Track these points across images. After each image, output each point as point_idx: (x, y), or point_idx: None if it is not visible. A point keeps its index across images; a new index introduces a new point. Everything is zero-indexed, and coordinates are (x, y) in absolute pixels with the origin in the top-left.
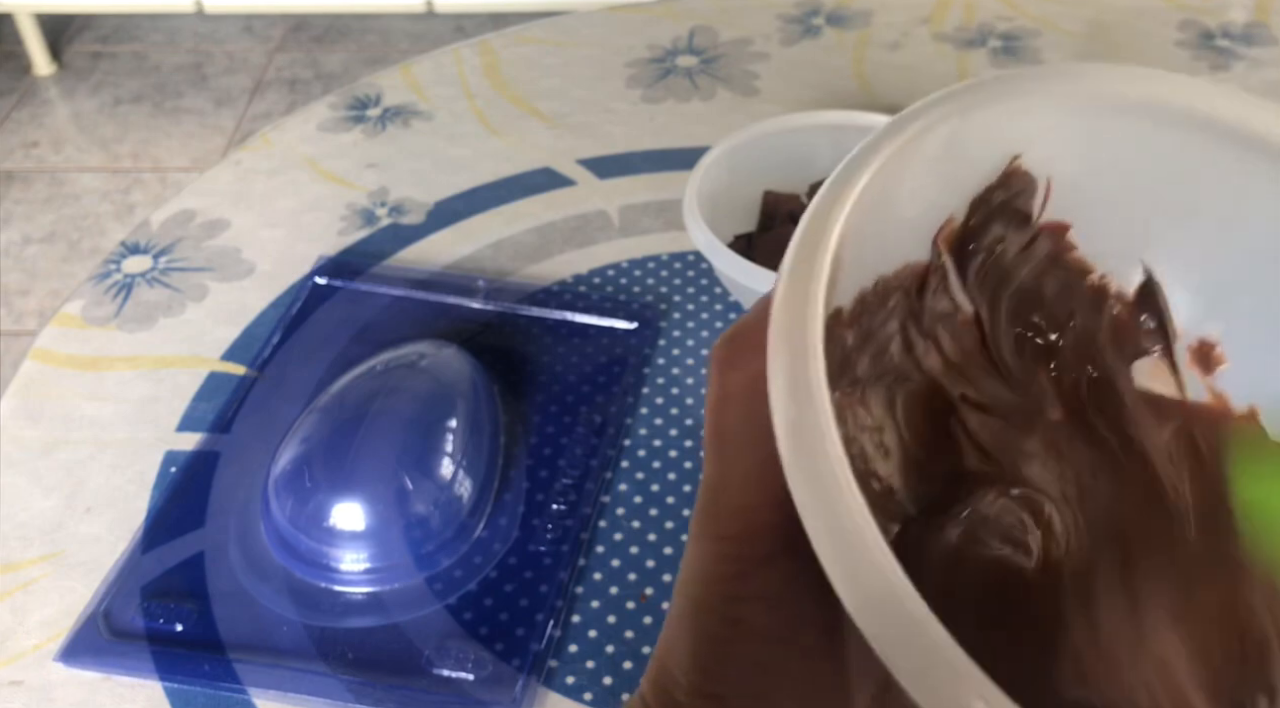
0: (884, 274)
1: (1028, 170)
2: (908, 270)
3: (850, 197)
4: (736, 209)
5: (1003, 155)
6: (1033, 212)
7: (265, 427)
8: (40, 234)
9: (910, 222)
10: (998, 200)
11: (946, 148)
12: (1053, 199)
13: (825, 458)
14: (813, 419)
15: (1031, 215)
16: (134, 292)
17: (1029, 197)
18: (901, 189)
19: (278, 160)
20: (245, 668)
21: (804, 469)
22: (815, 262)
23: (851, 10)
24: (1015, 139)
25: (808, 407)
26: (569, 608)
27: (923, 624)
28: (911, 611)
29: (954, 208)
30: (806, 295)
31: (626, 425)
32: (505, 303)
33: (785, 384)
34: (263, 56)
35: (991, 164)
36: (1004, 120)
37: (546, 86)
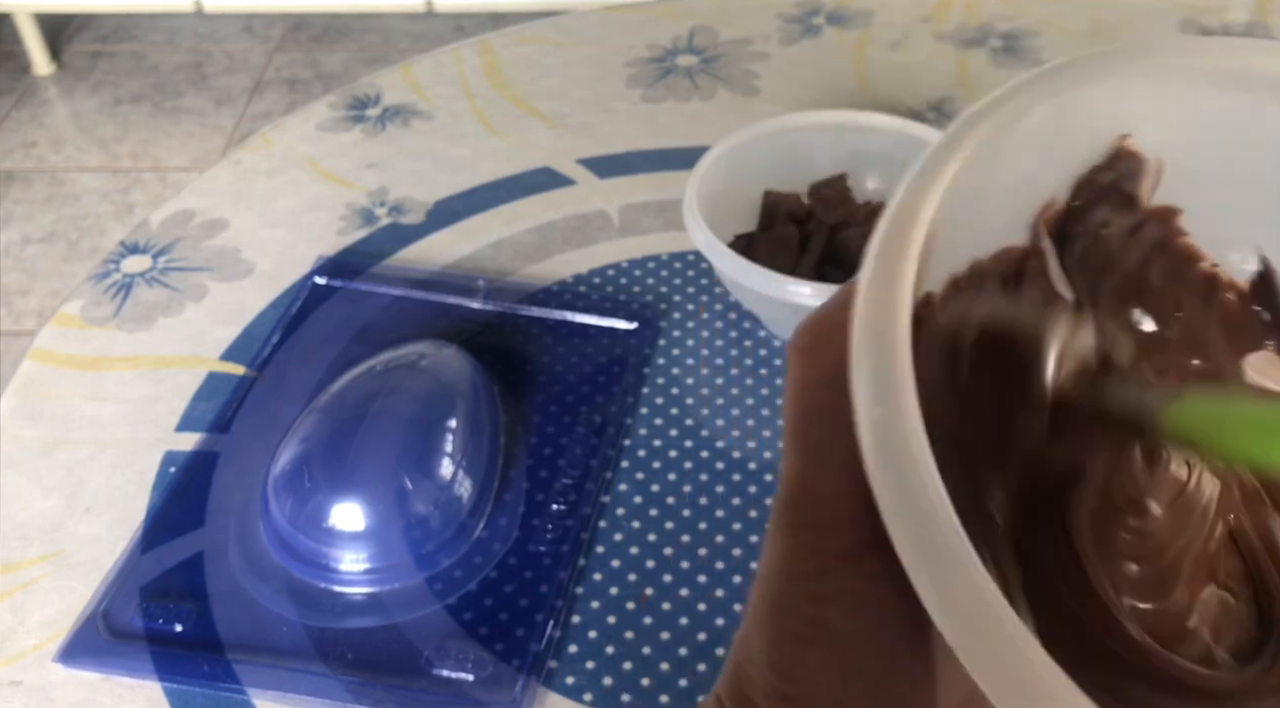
0: (979, 258)
1: (1137, 150)
2: (1005, 255)
3: (941, 182)
4: (736, 209)
5: (1110, 134)
6: (1141, 194)
7: (265, 427)
8: (40, 234)
9: (1008, 204)
10: (1104, 181)
11: (1049, 126)
12: (1163, 182)
13: (912, 464)
14: (898, 423)
15: (1139, 198)
16: (133, 291)
17: (1137, 178)
18: (1000, 170)
19: (277, 160)
20: (244, 668)
21: (889, 475)
22: (904, 252)
23: (852, 10)
24: (1124, 117)
25: (893, 409)
26: (569, 608)
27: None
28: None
29: (1056, 189)
30: (894, 289)
31: (626, 425)
32: (505, 303)
33: (870, 384)
34: (262, 56)
35: (1098, 143)
36: (1112, 97)
37: (546, 86)
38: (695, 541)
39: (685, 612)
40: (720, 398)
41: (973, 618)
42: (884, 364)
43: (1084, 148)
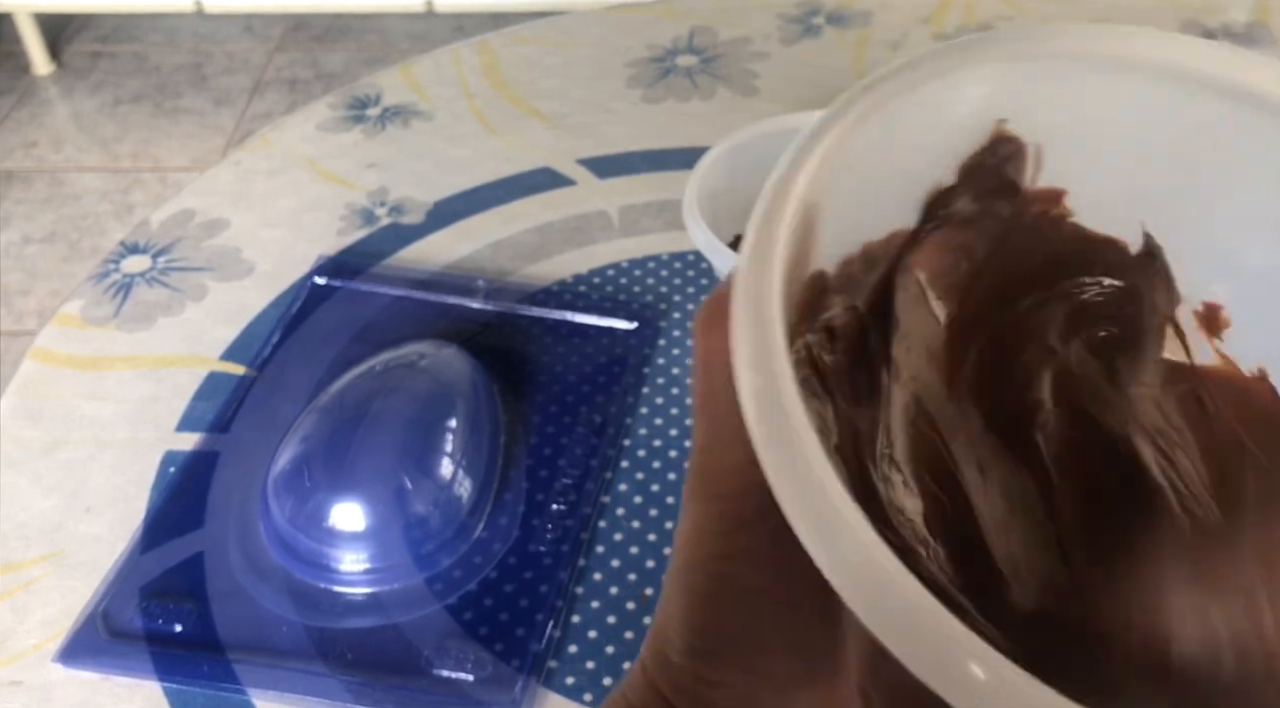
0: (870, 240)
1: (1015, 134)
2: (896, 237)
3: (811, 161)
4: (736, 209)
5: (988, 119)
6: (1023, 178)
7: (265, 427)
8: (40, 234)
9: (897, 186)
10: (986, 165)
11: (933, 109)
12: (1046, 164)
13: (789, 424)
14: (775, 385)
15: (1021, 182)
16: (133, 291)
17: (1018, 162)
18: (887, 152)
19: (277, 160)
20: (244, 669)
21: (769, 437)
22: (776, 223)
23: (852, 10)
24: (1000, 102)
25: (769, 373)
26: (569, 608)
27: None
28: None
29: (941, 174)
30: (766, 259)
31: (626, 425)
32: (505, 303)
33: (747, 352)
34: (262, 56)
35: (977, 128)
36: (986, 82)
37: (546, 86)
38: None
39: None
40: None
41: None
42: (759, 334)
43: (967, 132)
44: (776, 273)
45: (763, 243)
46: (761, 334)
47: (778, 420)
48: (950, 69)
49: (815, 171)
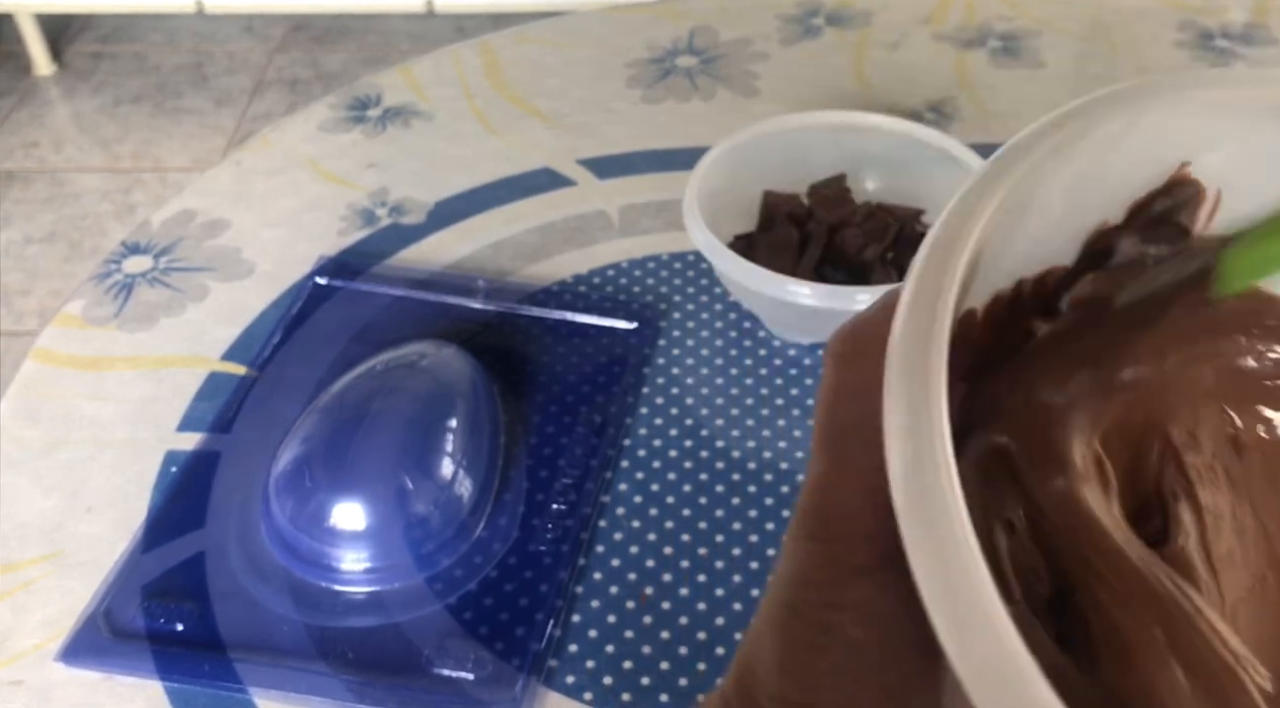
0: (1025, 277)
1: (1195, 178)
2: (1052, 274)
3: (990, 203)
4: (736, 209)
5: (1171, 161)
6: (1194, 223)
7: (265, 427)
8: (41, 234)
9: (1057, 224)
10: (1159, 208)
11: (1105, 151)
12: (1220, 212)
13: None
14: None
15: (1191, 226)
16: (134, 292)
17: (1193, 207)
18: (1052, 192)
19: (278, 160)
20: (246, 668)
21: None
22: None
23: (851, 10)
24: (1186, 144)
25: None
26: (569, 608)
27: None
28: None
29: (1109, 213)
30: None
31: (626, 425)
32: (505, 303)
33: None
34: (263, 57)
35: (1157, 170)
36: (1176, 123)
37: (546, 87)
38: (695, 540)
39: (685, 611)
40: (720, 398)
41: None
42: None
43: (1143, 174)
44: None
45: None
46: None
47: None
48: (1138, 109)
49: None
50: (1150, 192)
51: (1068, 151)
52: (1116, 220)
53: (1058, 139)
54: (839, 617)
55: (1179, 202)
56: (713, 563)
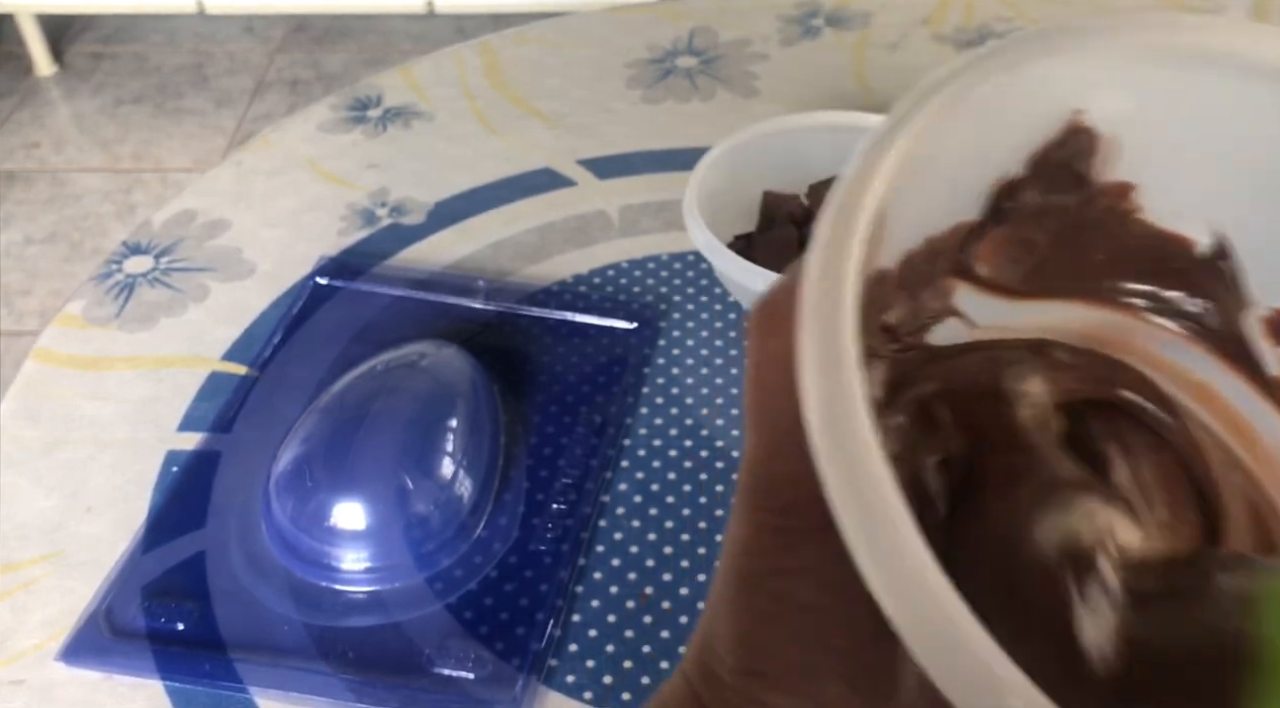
0: (933, 234)
1: (1090, 126)
2: (959, 230)
3: (891, 159)
4: (736, 209)
5: (1064, 109)
6: (1091, 171)
7: (266, 427)
8: (42, 234)
9: (961, 180)
10: (1057, 158)
11: (1002, 101)
12: (1119, 158)
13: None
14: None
15: (1090, 175)
16: (135, 292)
17: (1089, 155)
18: (951, 146)
19: (278, 161)
20: (246, 667)
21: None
22: (850, 228)
23: (851, 11)
24: (1078, 92)
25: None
26: (569, 607)
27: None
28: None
29: (1010, 165)
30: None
31: (626, 425)
32: (505, 303)
33: (816, 361)
34: (263, 57)
35: (1052, 119)
36: (1067, 72)
37: (547, 87)
38: (695, 540)
39: (685, 611)
40: (720, 398)
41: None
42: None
43: (1038, 123)
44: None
45: (836, 245)
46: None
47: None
48: (1028, 59)
49: (891, 170)
50: (1047, 142)
51: (962, 106)
52: (1017, 172)
53: (951, 92)
54: (789, 583)
55: (1076, 150)
56: (712, 563)
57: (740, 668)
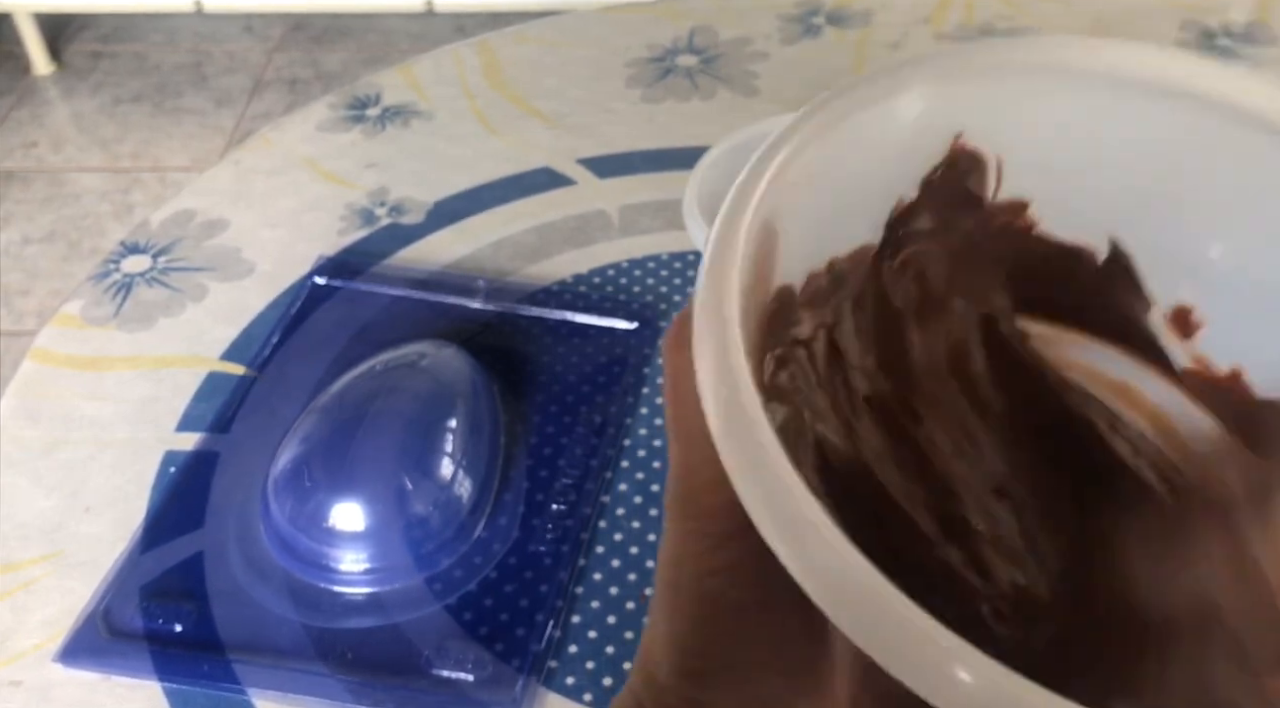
0: (837, 256)
1: (973, 148)
2: (863, 252)
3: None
4: None
5: (946, 133)
6: (986, 191)
7: (265, 427)
8: (40, 234)
9: (860, 202)
10: (947, 179)
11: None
12: (1007, 176)
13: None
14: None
15: (984, 195)
16: (133, 291)
17: (980, 175)
18: (845, 168)
19: (277, 160)
20: (244, 668)
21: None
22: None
23: (851, 10)
24: (955, 116)
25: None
26: (569, 608)
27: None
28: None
29: (903, 189)
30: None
31: (626, 425)
32: (505, 303)
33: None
34: (262, 56)
35: (936, 142)
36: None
37: (546, 86)
38: None
39: None
40: None
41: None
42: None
43: (925, 147)
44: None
45: (719, 257)
46: (721, 345)
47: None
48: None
49: (771, 185)
50: (934, 165)
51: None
52: (911, 196)
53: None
54: (718, 583)
55: (964, 171)
56: None
57: (677, 669)
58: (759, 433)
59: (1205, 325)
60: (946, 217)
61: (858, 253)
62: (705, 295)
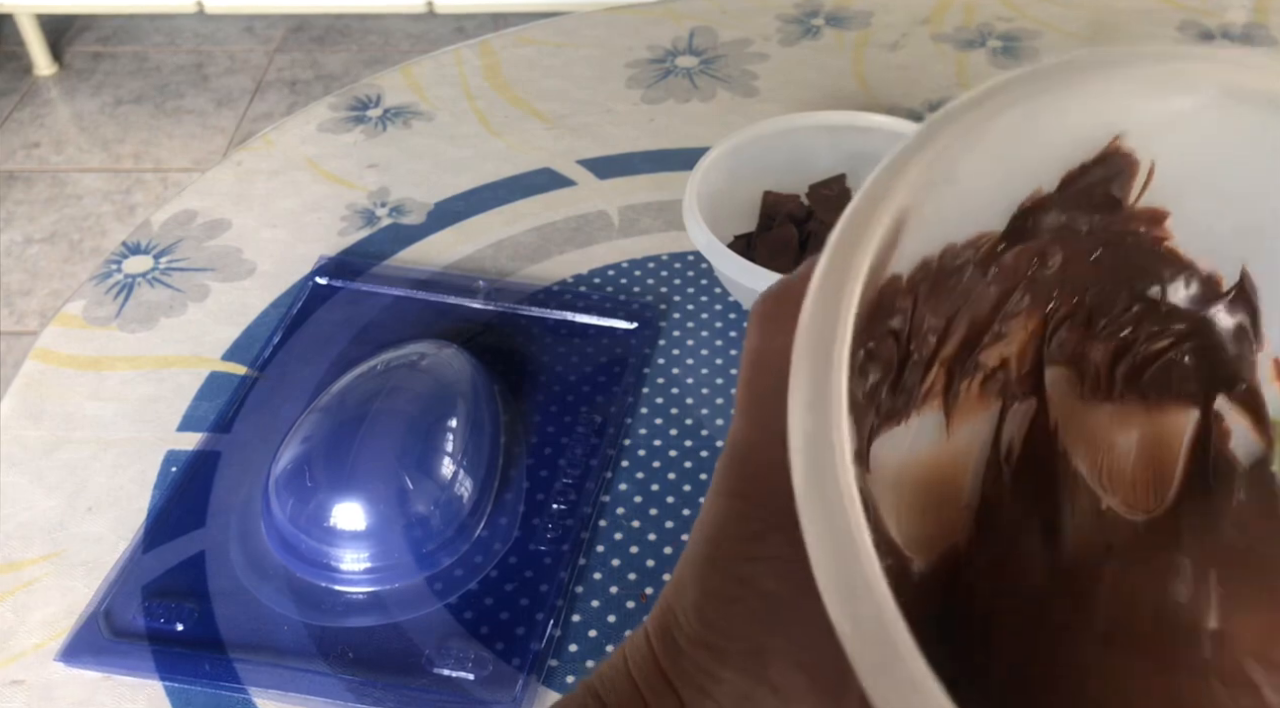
0: (953, 242)
1: (1129, 151)
2: (981, 240)
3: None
4: (736, 209)
5: (1104, 133)
6: (1127, 195)
7: (266, 427)
8: (42, 234)
9: (989, 191)
10: (1092, 178)
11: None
12: (1154, 185)
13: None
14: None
15: (1124, 198)
16: (135, 292)
17: (1126, 179)
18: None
19: (278, 161)
20: (246, 668)
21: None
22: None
23: (851, 10)
24: (1120, 117)
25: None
26: (569, 607)
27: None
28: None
29: (1042, 182)
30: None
31: (626, 425)
32: (505, 303)
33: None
34: (263, 57)
35: (1090, 142)
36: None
37: (547, 87)
38: None
39: None
40: (720, 398)
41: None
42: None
43: (1075, 144)
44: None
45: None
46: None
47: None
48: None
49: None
50: (1083, 162)
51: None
52: (1049, 188)
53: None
54: (754, 569)
55: (1111, 172)
56: None
57: (698, 640)
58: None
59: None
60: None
61: (976, 240)
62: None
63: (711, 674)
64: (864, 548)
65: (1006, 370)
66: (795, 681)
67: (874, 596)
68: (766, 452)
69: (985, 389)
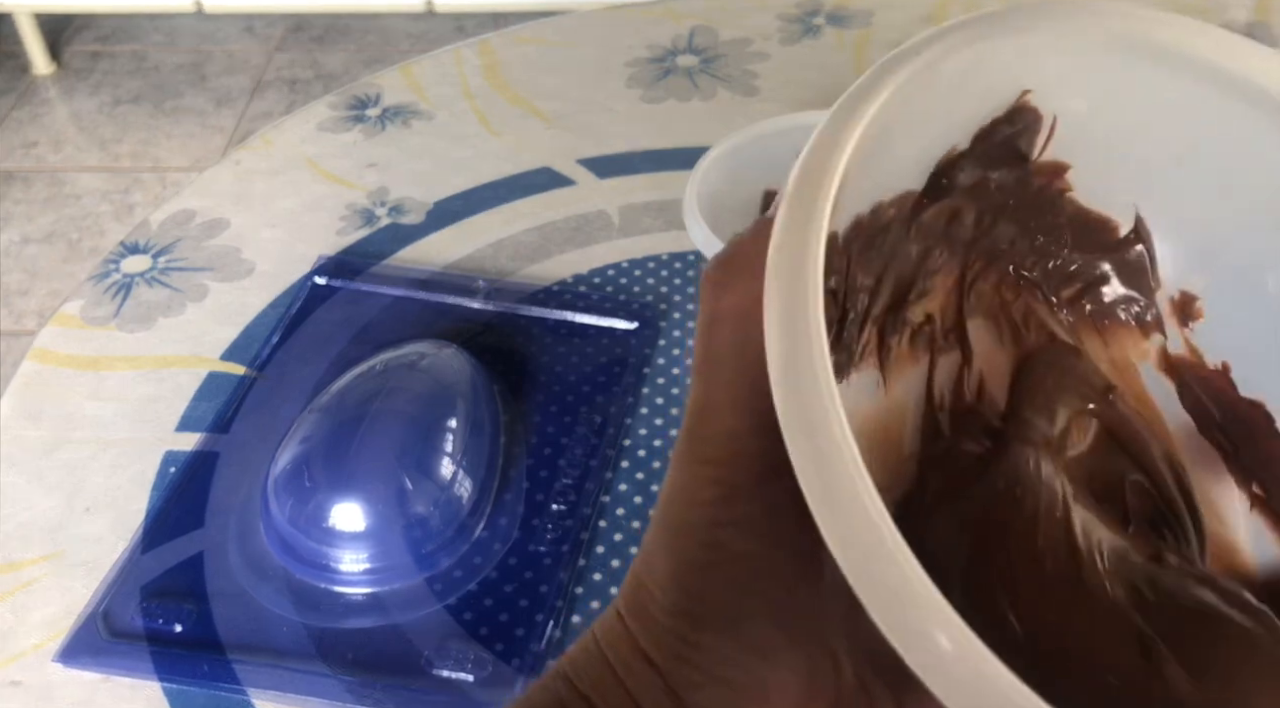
0: (881, 201)
1: (1035, 106)
2: (905, 198)
3: (858, 125)
4: (736, 209)
5: (1014, 89)
6: (1033, 151)
7: (265, 427)
8: (40, 234)
9: (913, 151)
10: (1001, 135)
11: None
12: (1055, 139)
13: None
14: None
15: (1029, 153)
16: (134, 291)
17: (1033, 133)
18: (906, 119)
19: (277, 160)
20: (244, 668)
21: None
22: (819, 192)
23: (851, 10)
24: (1027, 74)
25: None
26: (569, 608)
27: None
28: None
29: (958, 140)
30: (809, 228)
31: (626, 425)
32: (505, 303)
33: (781, 318)
34: (262, 56)
35: (1002, 97)
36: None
37: (546, 86)
38: None
39: None
40: None
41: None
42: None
43: (989, 100)
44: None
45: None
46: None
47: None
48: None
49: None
50: (994, 118)
51: (928, 77)
52: (963, 146)
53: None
54: (725, 533)
55: (1019, 128)
56: None
57: (673, 609)
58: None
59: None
60: (989, 171)
61: (901, 198)
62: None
63: (691, 642)
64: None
65: (932, 325)
66: (774, 638)
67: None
68: (726, 417)
69: (914, 345)
